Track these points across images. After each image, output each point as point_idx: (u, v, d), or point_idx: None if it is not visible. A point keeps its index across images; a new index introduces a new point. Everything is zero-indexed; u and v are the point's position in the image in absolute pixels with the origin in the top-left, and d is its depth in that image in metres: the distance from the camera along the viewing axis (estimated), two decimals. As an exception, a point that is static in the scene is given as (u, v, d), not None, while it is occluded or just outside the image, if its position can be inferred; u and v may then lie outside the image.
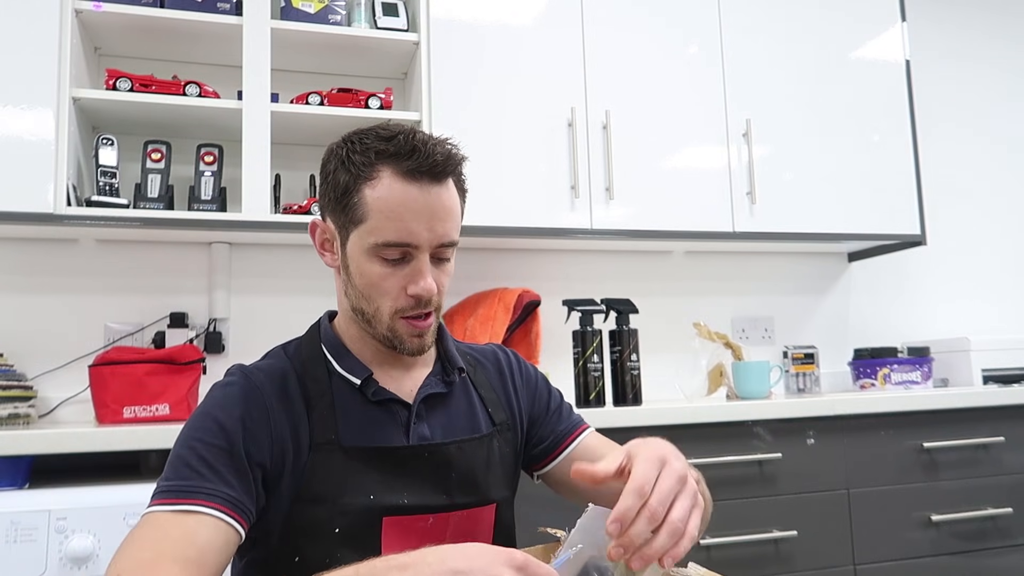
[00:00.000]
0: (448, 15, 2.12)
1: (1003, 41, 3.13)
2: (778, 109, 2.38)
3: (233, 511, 0.82)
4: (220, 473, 0.83)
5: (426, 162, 0.90)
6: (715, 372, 2.23)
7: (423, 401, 0.98)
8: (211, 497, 0.81)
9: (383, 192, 0.90)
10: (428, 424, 0.97)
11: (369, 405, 0.95)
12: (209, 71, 2.15)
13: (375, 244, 0.90)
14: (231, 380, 0.93)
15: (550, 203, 2.14)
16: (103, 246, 2.11)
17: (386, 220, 0.90)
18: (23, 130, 1.78)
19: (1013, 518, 2.05)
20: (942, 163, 2.93)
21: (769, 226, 2.32)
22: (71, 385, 1.99)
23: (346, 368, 0.96)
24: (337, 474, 0.89)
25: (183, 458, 0.84)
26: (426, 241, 0.91)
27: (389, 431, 0.94)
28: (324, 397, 0.93)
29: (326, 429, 0.91)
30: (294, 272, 2.25)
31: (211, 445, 0.85)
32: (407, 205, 0.90)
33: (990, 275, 2.98)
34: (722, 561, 1.79)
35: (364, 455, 0.91)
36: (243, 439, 0.86)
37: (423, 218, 0.90)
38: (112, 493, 1.43)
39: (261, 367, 0.96)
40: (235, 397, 0.90)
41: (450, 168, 0.93)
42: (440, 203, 0.91)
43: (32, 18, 1.82)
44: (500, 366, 1.11)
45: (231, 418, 0.87)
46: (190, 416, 0.90)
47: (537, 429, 1.09)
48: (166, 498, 0.81)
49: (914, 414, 2.02)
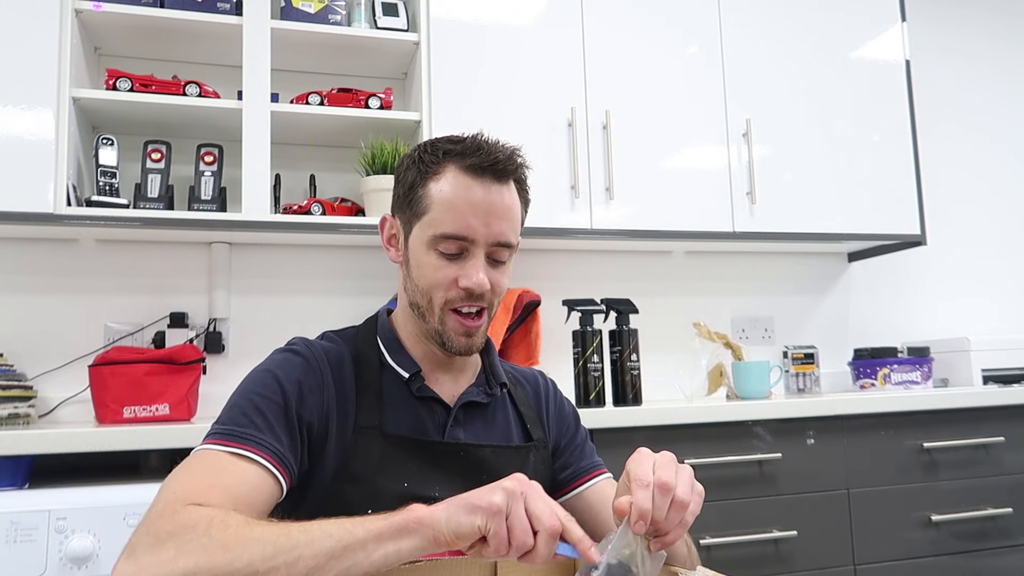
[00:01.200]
0: (448, 15, 2.12)
1: (1003, 41, 3.13)
2: (778, 109, 2.38)
3: (280, 464, 0.85)
4: (272, 427, 0.87)
5: (488, 158, 0.95)
6: (715, 372, 2.23)
7: (463, 407, 1.01)
8: (262, 447, 0.85)
9: (446, 186, 0.95)
10: (464, 429, 1.01)
11: (412, 400, 0.99)
12: (209, 71, 2.15)
13: (434, 236, 0.95)
14: (293, 347, 0.98)
15: (550, 203, 2.14)
16: (103, 246, 2.11)
17: (446, 212, 0.94)
18: (23, 130, 1.78)
19: (1013, 518, 2.05)
20: (942, 163, 2.93)
21: (769, 226, 2.32)
22: (71, 385, 1.99)
23: (397, 361, 1.01)
24: (376, 458, 0.93)
25: (240, 407, 0.89)
26: (482, 237, 0.95)
27: (427, 427, 0.98)
28: (373, 384, 0.98)
29: (371, 414, 0.95)
30: (294, 272, 2.25)
31: (267, 399, 0.89)
32: (467, 199, 0.94)
33: (990, 275, 2.98)
34: (722, 561, 1.79)
35: (402, 444, 0.95)
36: (297, 400, 0.91)
37: (481, 213, 0.94)
38: (112, 493, 1.43)
39: (321, 344, 1.00)
40: (295, 363, 0.94)
41: (511, 168, 0.97)
42: (500, 201, 0.96)
43: (32, 18, 1.82)
44: (538, 390, 1.14)
45: (289, 379, 0.92)
46: (250, 372, 0.95)
47: (559, 458, 1.11)
48: (221, 439, 0.85)
49: (914, 414, 2.02)
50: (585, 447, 1.14)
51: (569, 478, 1.09)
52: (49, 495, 1.41)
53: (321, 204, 2.03)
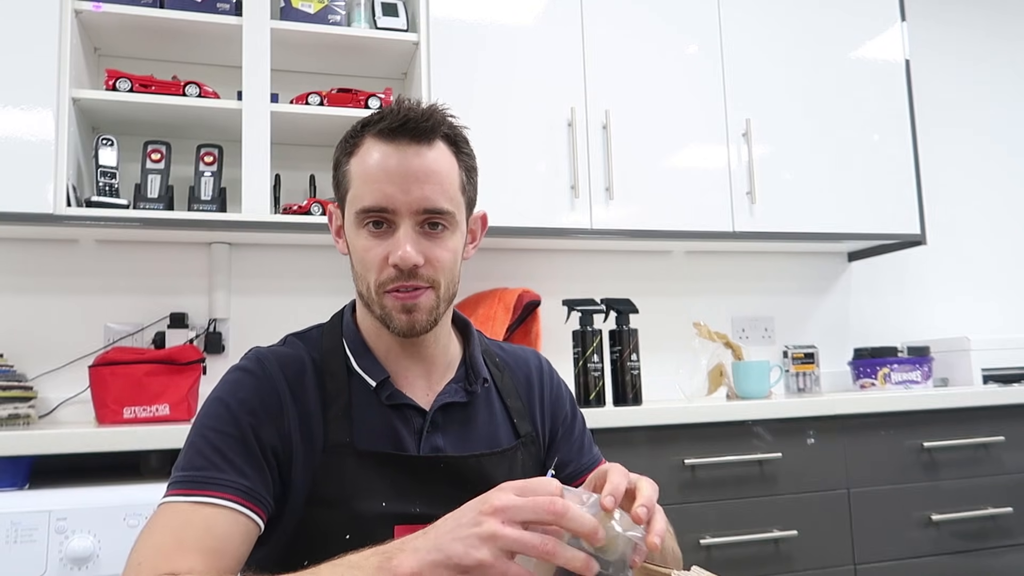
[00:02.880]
0: (448, 15, 2.12)
1: (1003, 41, 3.13)
2: (778, 109, 2.38)
3: (249, 501, 0.81)
4: (233, 463, 0.82)
5: (398, 118, 0.86)
6: (715, 372, 2.23)
7: (440, 409, 0.93)
8: (226, 488, 0.80)
9: (364, 157, 0.88)
10: (443, 435, 0.93)
11: (384, 408, 0.91)
12: (209, 71, 2.15)
13: (356, 212, 0.88)
14: (244, 366, 0.91)
15: (550, 203, 2.14)
16: (103, 246, 2.11)
17: (364, 184, 0.87)
18: (23, 130, 1.78)
19: (1013, 518, 2.05)
20: (942, 163, 2.93)
21: (769, 226, 2.32)
22: (71, 385, 1.99)
23: (364, 367, 0.92)
24: (349, 478, 0.87)
25: (196, 446, 0.84)
26: (403, 204, 0.86)
27: (402, 437, 0.91)
28: (341, 397, 0.90)
29: (340, 431, 0.88)
30: (294, 272, 2.25)
31: (223, 433, 0.84)
32: (381, 165, 0.86)
33: (990, 275, 2.98)
34: (722, 561, 1.79)
35: (377, 459, 0.88)
36: (253, 426, 0.85)
37: (398, 179, 0.85)
38: (112, 493, 1.43)
39: (278, 354, 0.93)
40: (247, 384, 0.88)
41: (429, 125, 0.87)
42: (419, 163, 0.86)
43: (32, 18, 1.82)
44: (530, 375, 1.05)
45: (242, 406, 0.86)
46: (204, 401, 0.90)
47: (556, 453, 1.04)
48: (183, 488, 0.80)
49: (914, 414, 2.02)
50: (584, 439, 1.07)
51: (570, 476, 1.02)
52: (49, 495, 1.41)
53: (321, 204, 2.03)
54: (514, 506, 0.64)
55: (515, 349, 1.09)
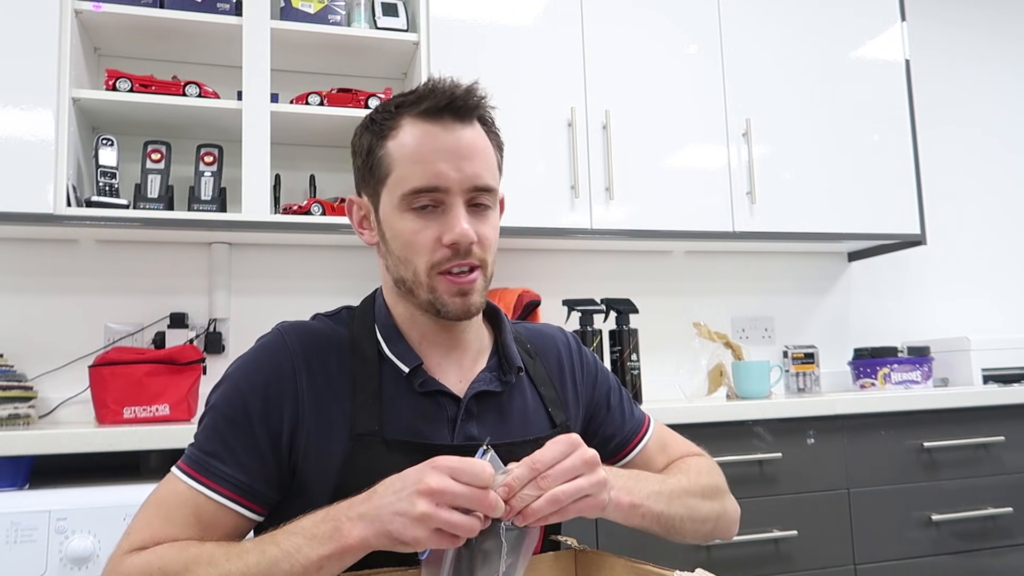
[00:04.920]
0: (448, 15, 2.12)
1: (1003, 41, 3.13)
2: (778, 109, 2.38)
3: (244, 498, 0.83)
4: (236, 453, 0.83)
5: (444, 97, 0.87)
6: (715, 372, 2.23)
7: (475, 398, 0.91)
8: (224, 482, 0.83)
9: (405, 138, 0.86)
10: (478, 424, 0.90)
11: (416, 396, 0.89)
12: (209, 71, 2.15)
13: (403, 194, 0.86)
14: (264, 341, 0.90)
15: (550, 203, 2.14)
16: (103, 246, 2.11)
17: (411, 165, 0.85)
18: (23, 130, 1.78)
19: (1013, 518, 2.05)
20: (942, 163, 2.93)
21: (769, 226, 2.32)
22: (71, 385, 1.99)
23: (396, 354, 0.90)
24: (379, 468, 0.83)
25: (209, 427, 0.85)
26: (456, 182, 0.85)
27: (435, 426, 0.88)
28: (371, 382, 0.88)
29: (369, 419, 0.86)
30: (294, 272, 2.25)
31: (231, 421, 0.85)
32: (430, 144, 0.85)
33: (990, 275, 2.98)
34: (722, 561, 1.79)
35: (407, 450, 0.85)
36: (262, 411, 0.84)
37: (449, 156, 0.85)
38: (112, 493, 1.43)
39: (302, 329, 0.91)
40: (262, 364, 0.87)
41: (472, 103, 0.88)
42: (467, 141, 0.87)
43: (32, 18, 1.82)
44: (560, 355, 1.03)
45: (253, 389, 0.85)
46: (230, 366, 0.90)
47: (599, 426, 1.03)
48: (190, 466, 0.84)
49: (914, 414, 2.02)
50: (624, 408, 1.06)
51: (617, 447, 1.02)
52: (49, 495, 1.41)
53: (321, 204, 2.03)
54: (451, 492, 0.69)
55: (541, 329, 1.07)
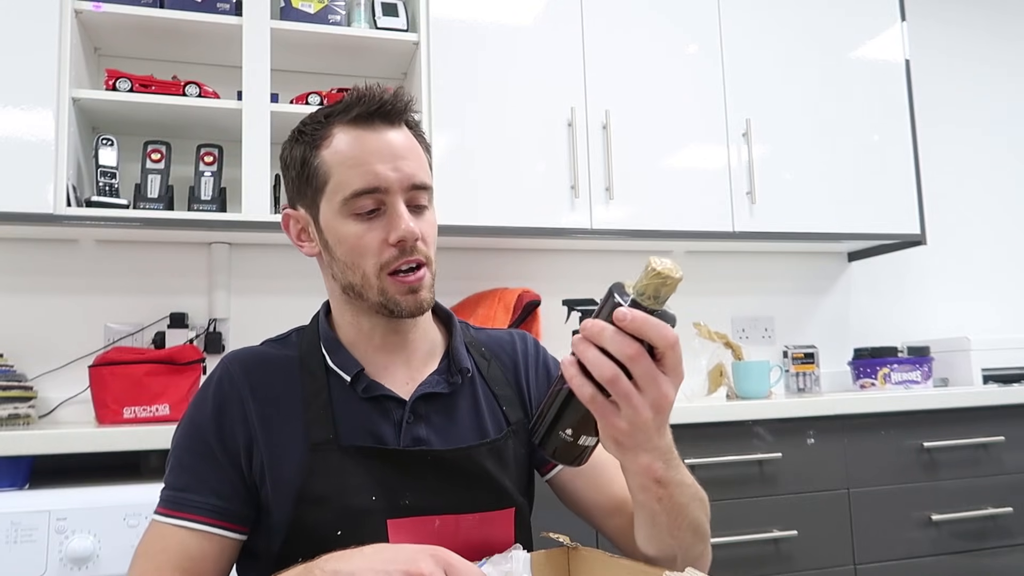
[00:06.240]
0: (448, 15, 2.12)
1: (1003, 41, 3.13)
2: (778, 109, 2.38)
3: (222, 520, 0.86)
4: (206, 481, 0.86)
5: (374, 103, 0.89)
6: (715, 372, 2.23)
7: (422, 399, 0.92)
8: (200, 511, 0.85)
9: (339, 145, 0.88)
10: (427, 425, 0.92)
11: (362, 401, 0.91)
12: (209, 71, 2.15)
13: (345, 199, 0.87)
14: (209, 376, 0.94)
15: (550, 203, 2.14)
16: (103, 246, 2.11)
17: (349, 169, 0.87)
18: (23, 130, 1.78)
19: (1013, 518, 2.05)
20: (942, 163, 2.93)
21: (769, 226, 2.32)
22: (71, 385, 1.99)
23: (338, 363, 0.93)
24: (336, 474, 0.86)
25: (174, 464, 0.89)
26: (395, 182, 0.87)
27: (383, 429, 0.90)
28: (320, 394, 0.90)
29: (323, 428, 0.88)
30: (294, 272, 2.24)
31: (192, 451, 0.88)
32: (366, 147, 0.88)
33: (990, 275, 2.98)
34: (722, 561, 1.79)
35: (362, 455, 0.88)
36: (220, 437, 0.88)
37: (385, 157, 0.87)
38: (112, 493, 1.43)
39: (253, 354, 0.95)
40: (210, 394, 0.91)
41: (400, 107, 0.91)
42: (400, 142, 0.89)
43: (32, 18, 1.82)
44: (515, 356, 1.04)
45: (205, 420, 0.89)
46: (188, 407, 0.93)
47: None
48: (165, 507, 0.87)
49: (914, 414, 2.02)
50: None
51: None
52: (49, 495, 1.41)
53: (321, 204, 2.03)
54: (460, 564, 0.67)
55: (500, 334, 1.08)
